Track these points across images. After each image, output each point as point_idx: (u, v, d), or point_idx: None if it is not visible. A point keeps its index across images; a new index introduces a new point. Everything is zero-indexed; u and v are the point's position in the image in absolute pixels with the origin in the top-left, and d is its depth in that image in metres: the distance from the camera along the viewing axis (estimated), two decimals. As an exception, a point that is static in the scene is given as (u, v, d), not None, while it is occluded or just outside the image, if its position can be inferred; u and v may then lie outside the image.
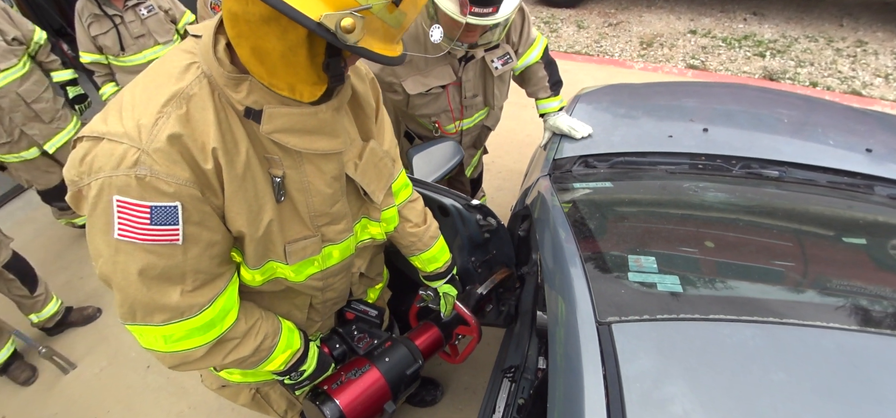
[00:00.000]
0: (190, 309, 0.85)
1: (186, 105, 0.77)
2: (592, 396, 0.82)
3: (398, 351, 1.29)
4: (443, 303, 1.46)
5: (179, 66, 0.80)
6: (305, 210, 0.97)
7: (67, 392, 2.51)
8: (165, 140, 0.74)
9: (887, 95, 3.95)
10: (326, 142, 0.90)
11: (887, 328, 0.93)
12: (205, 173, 0.79)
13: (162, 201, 0.75)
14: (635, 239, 1.32)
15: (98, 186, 0.73)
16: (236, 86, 0.79)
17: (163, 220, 0.76)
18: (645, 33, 5.30)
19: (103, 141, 0.73)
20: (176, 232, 0.78)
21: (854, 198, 1.52)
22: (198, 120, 0.77)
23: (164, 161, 0.74)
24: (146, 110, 0.75)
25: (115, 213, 0.73)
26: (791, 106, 2.03)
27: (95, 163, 0.73)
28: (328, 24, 0.66)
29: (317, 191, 0.96)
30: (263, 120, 0.81)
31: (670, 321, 0.94)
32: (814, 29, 4.98)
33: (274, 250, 0.97)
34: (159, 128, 0.74)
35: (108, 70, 2.98)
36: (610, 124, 2.07)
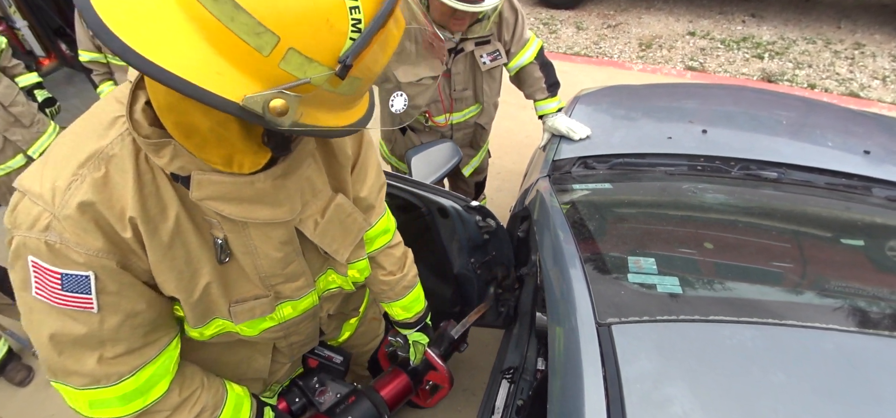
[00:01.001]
0: (107, 377, 0.77)
1: (105, 166, 0.68)
2: (592, 397, 0.82)
3: (362, 407, 1.20)
4: (412, 351, 1.35)
5: (105, 119, 0.70)
6: (254, 271, 0.88)
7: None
8: (75, 208, 0.66)
9: (885, 97, 3.97)
10: (268, 211, 0.79)
11: (885, 329, 0.93)
12: (123, 241, 0.71)
13: (73, 269, 0.69)
14: (635, 240, 1.32)
15: (16, 244, 0.69)
16: (158, 151, 0.69)
17: (74, 288, 0.70)
18: (644, 35, 5.31)
19: (26, 197, 0.68)
20: (89, 301, 0.71)
21: (852, 199, 1.53)
22: (116, 183, 0.69)
23: (74, 229, 0.67)
24: (63, 171, 0.67)
25: (30, 273, 0.69)
26: (789, 108, 2.04)
27: (17, 218, 0.69)
28: (253, 108, 0.53)
29: (264, 255, 0.87)
30: (192, 187, 0.71)
31: (670, 322, 0.94)
32: (812, 31, 5.00)
33: (217, 310, 0.89)
34: (71, 193, 0.66)
35: (106, 69, 2.98)
36: (609, 125, 2.07)
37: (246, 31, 0.50)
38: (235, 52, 0.51)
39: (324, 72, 0.55)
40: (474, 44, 1.87)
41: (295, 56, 0.53)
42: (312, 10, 0.52)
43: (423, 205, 1.62)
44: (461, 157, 1.93)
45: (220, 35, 0.50)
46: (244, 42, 0.51)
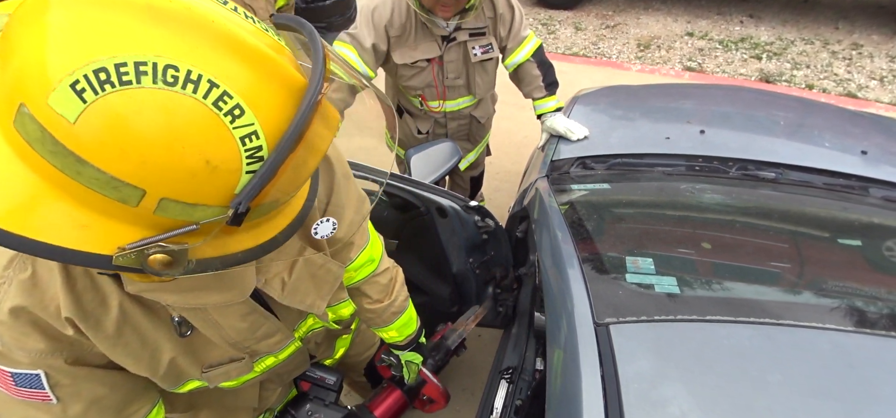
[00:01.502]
0: None
1: (31, 266, 0.61)
2: (590, 397, 0.83)
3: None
4: (405, 370, 1.28)
5: None
6: (221, 341, 0.80)
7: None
8: (8, 314, 0.60)
9: (882, 98, 3.98)
10: (217, 296, 0.70)
11: (882, 329, 0.93)
12: (67, 339, 0.65)
13: (21, 369, 0.63)
14: (633, 240, 1.32)
15: None
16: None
17: (27, 385, 0.65)
18: (642, 35, 5.32)
19: None
20: (46, 395, 0.66)
21: (849, 200, 1.53)
22: (46, 282, 0.61)
23: (11, 334, 0.61)
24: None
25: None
26: (787, 108, 2.05)
27: None
28: (127, 264, 0.45)
29: (230, 326, 0.79)
30: (125, 281, 0.64)
31: (668, 322, 0.95)
32: (810, 32, 5.01)
33: (188, 375, 0.82)
34: (1, 296, 0.60)
35: None
36: (607, 126, 2.07)
37: (99, 185, 0.42)
38: (100, 204, 0.43)
39: (215, 213, 0.46)
40: (468, 35, 1.89)
41: (172, 205, 0.44)
42: (178, 158, 0.42)
43: (422, 205, 1.62)
44: (461, 157, 1.94)
45: (79, 189, 0.42)
46: (98, 193, 0.42)
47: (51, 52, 0.39)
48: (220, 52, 0.43)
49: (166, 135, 0.41)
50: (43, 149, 0.40)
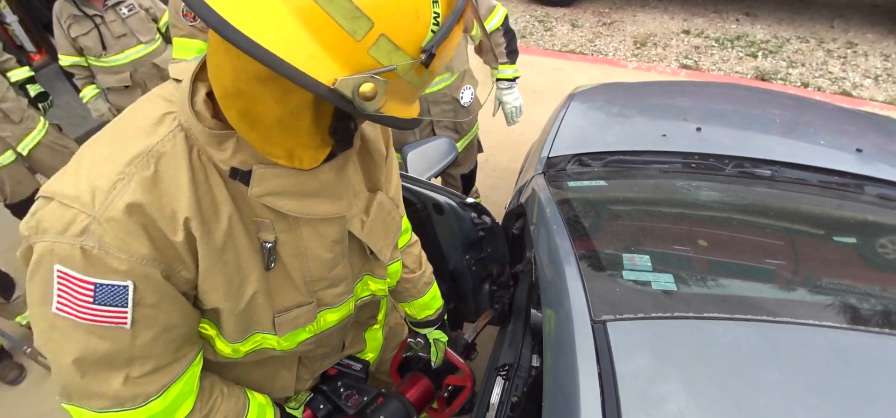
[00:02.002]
0: (133, 399, 0.70)
1: (155, 165, 0.64)
2: (587, 394, 0.82)
3: (391, 407, 1.16)
4: (433, 350, 1.32)
5: (152, 117, 0.67)
6: (300, 276, 0.84)
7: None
8: (122, 210, 0.61)
9: (877, 96, 4.00)
10: (328, 205, 0.77)
11: (877, 325, 0.94)
12: (172, 246, 0.66)
13: (110, 279, 0.63)
14: (629, 237, 1.32)
15: (39, 251, 0.62)
16: (220, 144, 0.66)
17: (108, 301, 0.64)
18: (639, 33, 5.32)
19: (54, 201, 0.62)
20: (123, 315, 0.65)
21: (845, 197, 1.54)
22: (168, 183, 0.64)
23: (118, 233, 0.61)
24: (104, 171, 0.63)
25: (54, 285, 0.62)
26: (783, 106, 2.05)
27: (41, 224, 0.62)
28: (343, 91, 0.54)
29: (314, 257, 0.83)
30: (253, 181, 0.68)
31: (665, 319, 0.95)
32: (805, 30, 5.03)
33: (259, 322, 0.84)
34: (116, 193, 0.61)
35: (88, 72, 2.93)
36: (604, 123, 2.07)
37: (343, 13, 0.51)
38: (328, 36, 0.52)
39: (408, 60, 0.56)
40: None
41: (385, 42, 0.54)
42: (414, 5, 0.54)
43: (419, 201, 1.62)
44: (457, 154, 1.93)
45: (316, 17, 0.51)
46: (339, 25, 0.51)
47: None
48: None
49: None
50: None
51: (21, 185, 2.80)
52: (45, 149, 2.83)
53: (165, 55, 3.03)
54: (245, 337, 0.84)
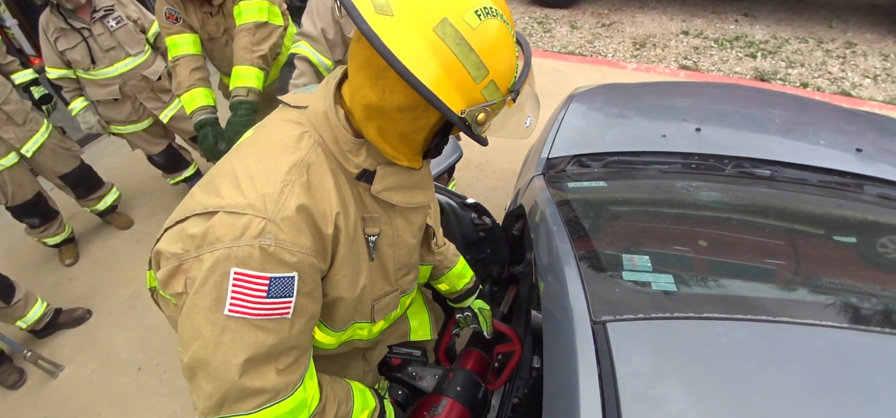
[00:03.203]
0: (285, 388, 0.79)
1: (307, 173, 0.78)
2: (587, 395, 0.82)
3: (462, 376, 1.24)
4: (481, 320, 1.44)
5: (292, 136, 0.81)
6: (392, 264, 1.00)
7: (58, 395, 2.48)
8: (294, 209, 0.74)
9: (876, 96, 4.00)
10: (423, 195, 0.95)
11: (878, 325, 0.94)
12: (323, 240, 0.79)
13: (282, 272, 0.73)
14: (629, 238, 1.32)
15: (213, 259, 0.70)
16: (358, 150, 0.82)
17: (279, 293, 0.74)
18: (638, 34, 5.33)
19: (218, 213, 0.72)
20: (288, 304, 0.75)
21: (845, 197, 1.54)
22: (317, 187, 0.79)
23: (291, 230, 0.73)
24: (268, 180, 0.75)
25: (229, 287, 0.70)
26: (782, 106, 2.05)
27: (210, 235, 0.71)
28: (468, 119, 0.73)
29: (404, 244, 1.00)
30: (376, 179, 0.85)
31: (665, 320, 0.95)
32: (804, 30, 5.03)
33: (362, 311, 0.99)
34: (286, 197, 0.74)
35: (76, 85, 2.87)
36: (603, 124, 2.07)
37: (472, 64, 0.71)
38: (459, 78, 0.71)
39: (501, 97, 0.77)
40: None
41: (492, 85, 0.74)
42: (510, 59, 0.76)
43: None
44: (461, 153, 1.93)
45: (452, 65, 0.70)
46: (467, 72, 0.71)
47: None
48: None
49: (508, 43, 0.75)
50: (453, 43, 0.69)
51: (23, 188, 2.80)
52: (49, 152, 2.83)
53: (155, 66, 2.96)
54: (347, 325, 0.99)
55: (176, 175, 3.48)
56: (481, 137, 0.79)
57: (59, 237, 3.12)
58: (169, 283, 0.75)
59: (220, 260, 0.70)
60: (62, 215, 3.12)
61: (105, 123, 3.04)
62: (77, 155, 3.05)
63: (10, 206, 2.83)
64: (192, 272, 0.72)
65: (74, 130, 3.24)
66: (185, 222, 0.75)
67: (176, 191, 3.68)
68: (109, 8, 2.75)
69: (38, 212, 2.94)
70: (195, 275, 0.71)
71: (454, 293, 1.42)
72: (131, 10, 2.87)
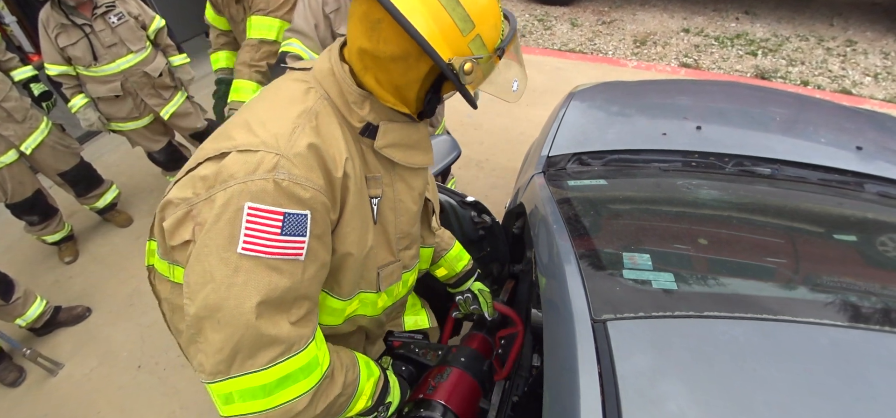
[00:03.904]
0: (299, 341, 0.77)
1: (316, 119, 0.81)
2: (588, 394, 0.82)
3: (467, 351, 1.24)
4: (483, 301, 1.45)
5: (298, 90, 0.84)
6: (393, 231, 1.01)
7: (57, 393, 2.48)
8: (305, 147, 0.76)
9: (876, 94, 3.99)
10: (422, 156, 0.97)
11: (878, 324, 0.93)
12: (333, 183, 0.81)
13: (295, 208, 0.74)
14: (630, 236, 1.32)
15: (227, 196, 0.71)
16: (362, 103, 0.85)
17: (293, 230, 0.74)
18: (638, 31, 5.32)
19: (231, 153, 0.74)
20: (302, 245, 0.75)
21: (845, 195, 1.54)
22: (326, 133, 0.81)
23: (303, 166, 0.75)
24: (279, 122, 0.78)
25: (242, 224, 0.70)
26: (783, 104, 2.05)
27: (224, 173, 0.72)
28: (455, 66, 0.77)
29: (405, 210, 1.01)
30: (379, 134, 0.88)
31: (665, 318, 0.94)
32: (805, 28, 5.02)
33: (367, 277, 1.00)
34: (297, 135, 0.77)
35: (76, 81, 2.86)
36: (604, 122, 2.07)
37: (459, 16, 0.76)
38: (446, 29, 0.76)
39: (488, 54, 0.82)
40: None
41: (478, 40, 0.79)
42: (495, 17, 0.82)
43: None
44: (460, 152, 1.93)
45: (440, 15, 0.75)
46: (454, 23, 0.76)
47: None
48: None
49: (493, 7, 0.81)
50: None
51: (22, 185, 2.79)
52: (48, 149, 2.82)
53: (156, 63, 2.96)
54: (354, 293, 0.99)
55: (176, 172, 3.45)
56: (469, 95, 0.83)
57: (58, 235, 3.11)
58: (176, 231, 0.75)
59: (234, 195, 0.71)
60: (61, 213, 3.12)
61: (105, 120, 3.03)
62: (77, 152, 3.04)
63: (9, 204, 2.83)
64: (203, 214, 0.72)
65: (74, 128, 3.24)
66: (196, 169, 0.76)
67: (175, 189, 3.67)
68: (111, 4, 2.75)
69: (37, 210, 2.93)
70: (206, 218, 0.72)
71: (453, 276, 1.43)
72: (132, 6, 2.87)
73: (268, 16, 2.19)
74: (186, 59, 3.16)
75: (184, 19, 5.96)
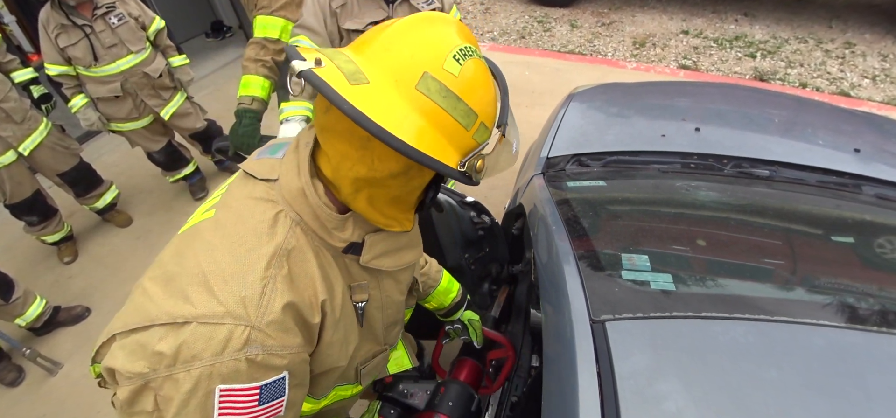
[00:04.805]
0: None
1: (287, 263, 0.69)
2: (586, 394, 0.83)
3: (454, 391, 1.22)
4: (471, 330, 1.44)
5: (265, 219, 0.71)
6: (381, 326, 0.95)
7: (56, 392, 2.48)
8: (280, 310, 0.66)
9: (874, 96, 4.00)
10: (412, 254, 0.90)
11: (875, 325, 0.94)
12: (310, 329, 0.73)
13: (272, 377, 0.67)
14: (628, 237, 1.32)
15: (193, 379, 0.62)
16: (343, 225, 0.75)
17: (271, 397, 0.68)
18: (638, 33, 5.33)
19: (191, 325, 0.63)
20: (281, 404, 0.69)
21: (843, 197, 1.54)
22: (301, 276, 0.71)
23: (278, 333, 0.67)
24: (245, 280, 0.66)
25: (215, 406, 0.63)
26: (781, 106, 2.05)
27: (185, 353, 0.62)
28: (469, 171, 0.70)
29: (392, 303, 0.95)
30: (365, 249, 0.78)
31: (663, 319, 0.95)
32: (803, 30, 5.03)
33: (346, 376, 0.95)
34: (268, 297, 0.66)
35: (76, 82, 2.87)
36: (603, 123, 2.08)
37: (461, 113, 0.67)
38: (449, 130, 0.67)
39: (490, 135, 0.74)
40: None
41: (482, 127, 0.71)
42: (493, 93, 0.73)
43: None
44: None
45: (440, 117, 0.65)
46: (457, 122, 0.67)
47: (432, 43, 0.66)
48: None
49: (489, 83, 0.72)
50: (439, 96, 0.64)
51: (21, 186, 2.79)
52: (47, 150, 2.82)
53: (155, 64, 2.96)
54: (328, 392, 0.94)
55: (175, 173, 3.47)
56: (477, 181, 0.74)
57: (57, 235, 3.11)
58: (134, 403, 0.64)
59: (202, 379, 0.62)
60: (61, 213, 3.12)
61: (105, 120, 3.03)
62: (76, 153, 3.04)
63: (8, 204, 2.82)
64: (165, 390, 0.62)
65: (74, 128, 3.24)
66: (147, 333, 0.64)
67: (175, 189, 3.67)
68: (111, 5, 2.75)
69: (36, 210, 2.93)
70: (171, 395, 0.62)
71: (443, 309, 1.41)
72: (132, 7, 2.87)
73: (272, 15, 2.20)
74: (186, 60, 3.16)
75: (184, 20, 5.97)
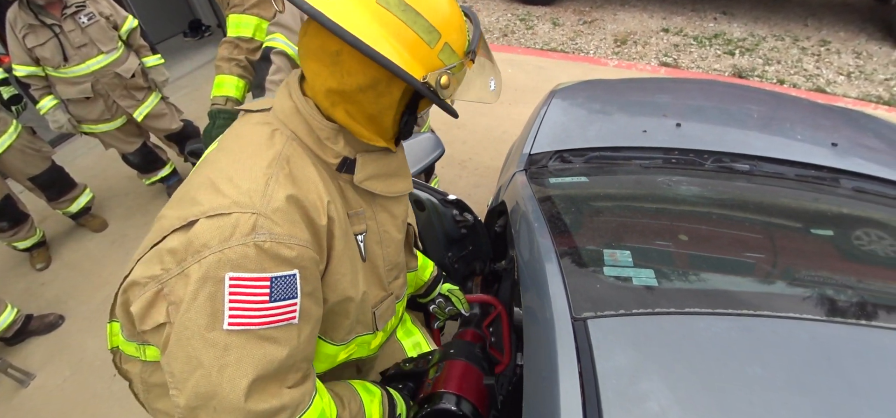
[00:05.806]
0: (303, 398, 0.72)
1: (288, 165, 0.73)
2: (568, 393, 0.81)
3: (456, 343, 1.22)
4: (455, 300, 1.43)
5: (262, 135, 0.76)
6: (382, 264, 0.95)
7: (29, 404, 2.40)
8: (284, 199, 0.68)
9: (849, 92, 4.08)
10: (402, 183, 0.92)
11: (854, 317, 0.94)
12: (318, 232, 0.74)
13: (282, 270, 0.66)
14: (610, 233, 1.31)
15: (202, 269, 0.62)
16: (336, 137, 0.78)
17: (283, 294, 0.66)
18: (619, 31, 5.36)
19: (200, 221, 0.64)
20: (294, 307, 0.68)
21: (821, 190, 1.56)
22: (302, 178, 0.74)
23: (285, 221, 0.67)
24: (249, 175, 0.69)
25: (225, 297, 0.62)
26: (760, 102, 2.07)
27: (194, 244, 0.63)
28: (431, 83, 0.72)
29: (390, 240, 0.96)
30: (358, 167, 0.82)
31: (646, 316, 0.94)
32: (780, 28, 5.12)
33: (363, 320, 0.94)
34: (272, 188, 0.68)
35: (45, 83, 2.77)
36: (585, 119, 2.07)
37: (422, 28, 0.70)
38: (412, 45, 0.70)
39: (458, 60, 0.76)
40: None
41: (447, 48, 0.74)
42: (459, 19, 0.76)
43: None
44: (443, 150, 1.91)
45: (403, 32, 0.69)
46: (419, 37, 0.70)
47: None
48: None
49: (453, 7, 0.75)
50: (397, 9, 0.68)
51: None
52: (17, 153, 2.73)
53: (128, 64, 2.87)
54: (349, 338, 0.94)
55: (151, 175, 3.39)
56: (449, 106, 0.77)
57: (29, 241, 3.01)
58: (147, 315, 0.66)
59: (211, 266, 0.62)
60: (33, 218, 3.02)
61: (76, 122, 2.94)
62: (48, 156, 2.95)
63: None
64: (176, 293, 0.63)
65: (46, 131, 3.13)
66: (162, 242, 0.67)
67: (152, 192, 3.58)
68: (81, 4, 2.67)
69: (6, 216, 2.83)
70: (180, 296, 0.63)
71: (422, 286, 1.39)
72: (104, 6, 2.79)
73: (245, 13, 2.15)
74: (160, 60, 3.08)
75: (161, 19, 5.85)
